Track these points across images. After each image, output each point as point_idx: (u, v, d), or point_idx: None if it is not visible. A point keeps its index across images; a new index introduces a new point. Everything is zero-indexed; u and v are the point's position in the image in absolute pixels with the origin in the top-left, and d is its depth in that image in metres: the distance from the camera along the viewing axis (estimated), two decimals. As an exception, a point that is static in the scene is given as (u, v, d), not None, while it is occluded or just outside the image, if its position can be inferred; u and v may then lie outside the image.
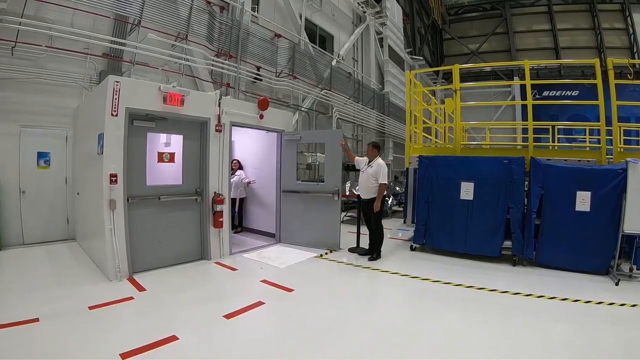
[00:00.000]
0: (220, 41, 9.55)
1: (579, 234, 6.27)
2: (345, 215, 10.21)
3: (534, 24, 27.36)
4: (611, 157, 7.23)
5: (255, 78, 10.36)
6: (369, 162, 6.98)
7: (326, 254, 7.16)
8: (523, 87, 21.00)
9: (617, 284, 5.77)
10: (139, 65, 8.14)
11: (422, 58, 22.78)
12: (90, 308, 4.22)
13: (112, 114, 5.20)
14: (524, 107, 8.36)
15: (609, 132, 7.21)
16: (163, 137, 6.34)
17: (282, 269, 6.26)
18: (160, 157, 6.18)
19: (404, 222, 9.18)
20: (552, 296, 5.09)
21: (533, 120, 7.29)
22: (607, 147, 7.20)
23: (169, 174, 6.33)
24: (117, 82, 5.23)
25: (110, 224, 5.20)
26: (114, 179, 5.21)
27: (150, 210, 5.82)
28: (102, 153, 5.20)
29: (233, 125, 6.89)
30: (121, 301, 4.50)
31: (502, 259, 6.88)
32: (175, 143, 6.36)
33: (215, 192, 6.48)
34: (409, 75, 9.08)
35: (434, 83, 24.11)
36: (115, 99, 5.21)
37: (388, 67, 18.44)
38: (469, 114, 18.34)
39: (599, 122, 7.11)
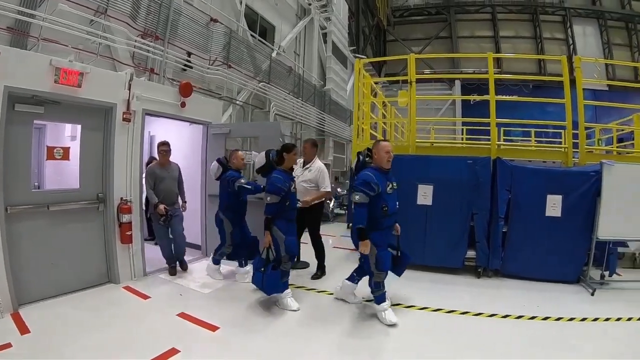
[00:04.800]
0: (147, 20, 8.18)
1: (550, 241, 5.91)
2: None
3: (477, 30, 28.63)
4: (576, 159, 6.99)
5: (185, 65, 9.19)
6: (305, 164, 6.15)
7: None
8: (464, 89, 22.37)
9: (592, 294, 5.56)
10: (48, 43, 6.68)
11: (365, 57, 22.29)
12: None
13: (-17, 95, 3.91)
14: (464, 106, 8.13)
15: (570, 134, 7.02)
16: (55, 127, 5.15)
17: (207, 294, 5.25)
18: (51, 154, 4.93)
19: (348, 227, 8.46)
20: (532, 316, 4.62)
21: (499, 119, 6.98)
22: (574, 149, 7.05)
23: (63, 175, 5.18)
24: (-7, 51, 3.97)
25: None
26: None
27: (39, 223, 4.62)
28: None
29: (147, 114, 5.75)
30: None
31: (465, 270, 6.33)
32: (72, 135, 5.20)
33: (121, 199, 5.29)
34: (358, 64, 8.54)
35: (375, 84, 23.80)
36: (-11, 74, 3.93)
37: (331, 64, 17.82)
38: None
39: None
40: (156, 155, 7.56)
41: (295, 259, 6.33)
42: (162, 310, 4.65)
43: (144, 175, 5.90)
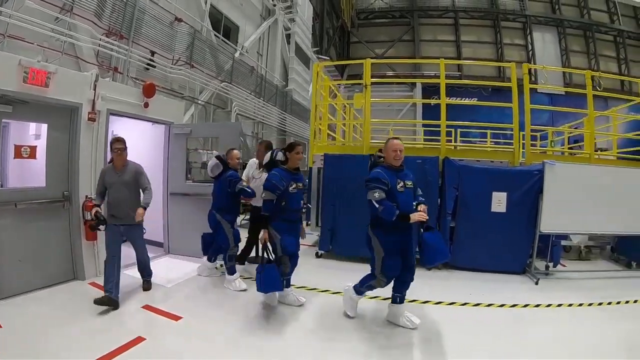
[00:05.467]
0: (112, 19, 8.34)
1: (496, 234, 6.36)
2: (243, 219, 9.47)
3: (440, 34, 29.71)
4: (523, 159, 7.59)
5: (149, 64, 9.36)
6: (261, 165, 6.20)
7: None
8: (425, 91, 22.88)
9: (537, 284, 6.06)
10: (14, 40, 6.73)
11: (328, 58, 22.92)
12: None
13: (-50, 93, 4.09)
14: (425, 109, 8.63)
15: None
16: (19, 125, 5.32)
17: (170, 288, 5.51)
18: (19, 152, 5.08)
19: (307, 224, 8.82)
20: (476, 303, 5.06)
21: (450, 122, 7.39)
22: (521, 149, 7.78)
23: (30, 174, 5.30)
24: (-41, 50, 4.18)
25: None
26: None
27: (5, 221, 4.72)
28: None
29: (111, 114, 5.94)
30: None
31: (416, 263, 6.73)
32: (36, 134, 5.37)
33: (86, 196, 5.43)
34: (316, 67, 8.80)
35: (338, 85, 24.31)
36: (-43, 72, 4.11)
37: (293, 64, 18.17)
38: (373, 114, 18.78)
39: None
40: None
41: (257, 255, 6.63)
42: (127, 303, 4.86)
43: None
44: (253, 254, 6.82)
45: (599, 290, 5.77)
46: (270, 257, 4.71)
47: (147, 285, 5.39)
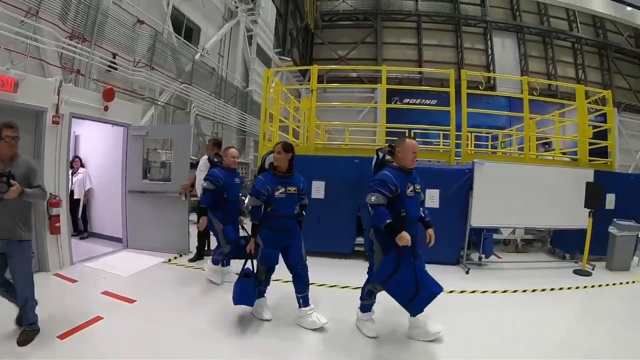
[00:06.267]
0: (76, 22, 8.73)
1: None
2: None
3: (402, 37, 30.61)
4: (459, 158, 8.37)
5: (110, 66, 9.77)
6: (210, 161, 6.76)
7: (175, 258, 7.12)
8: (387, 92, 23.25)
9: (467, 273, 6.84)
10: None
11: (290, 59, 23.36)
12: None
13: None
14: (386, 111, 9.30)
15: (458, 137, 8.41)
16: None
17: (126, 277, 6.12)
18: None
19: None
20: None
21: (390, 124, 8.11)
22: (457, 149, 8.50)
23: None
24: None
25: None
26: None
27: None
28: None
29: (74, 117, 6.50)
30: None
31: (355, 255, 7.43)
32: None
33: (51, 194, 5.87)
34: (267, 72, 9.52)
35: (300, 84, 24.86)
36: None
37: (254, 65, 18.58)
38: (334, 115, 19.62)
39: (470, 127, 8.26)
40: (80, 154, 8.27)
41: (208, 248, 7.26)
42: (88, 290, 5.50)
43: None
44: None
45: (521, 279, 6.58)
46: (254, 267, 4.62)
47: (23, 336, 3.84)
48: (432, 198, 7.05)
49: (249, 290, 4.43)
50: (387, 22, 30.44)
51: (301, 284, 4.52)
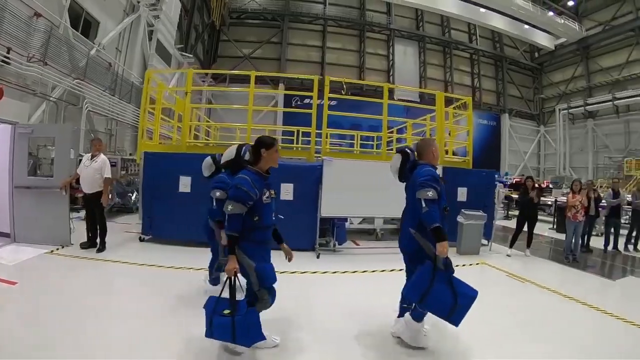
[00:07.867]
0: None
1: (288, 219, 6.77)
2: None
3: (308, 40, 32.25)
4: (319, 155, 9.30)
5: (3, 61, 9.82)
6: (92, 157, 7.38)
7: (57, 249, 7.38)
8: (286, 95, 24.93)
9: (318, 257, 7.85)
10: None
11: (192, 56, 23.58)
12: None
13: None
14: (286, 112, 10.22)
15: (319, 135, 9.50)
16: None
17: (11, 266, 6.41)
18: None
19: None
20: (282, 271, 5.97)
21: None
22: (317, 147, 9.56)
23: None
24: None
25: None
26: None
27: None
28: None
29: (-39, 115, 6.77)
30: None
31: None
32: None
33: None
34: (147, 74, 10.21)
35: (202, 82, 25.23)
36: None
37: (153, 62, 18.56)
38: (234, 115, 20.86)
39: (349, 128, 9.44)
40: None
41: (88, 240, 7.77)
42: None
43: None
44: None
45: (367, 262, 7.64)
46: (241, 290, 3.80)
47: None
48: (287, 191, 7.98)
49: (255, 320, 3.60)
50: (294, 23, 31.78)
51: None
